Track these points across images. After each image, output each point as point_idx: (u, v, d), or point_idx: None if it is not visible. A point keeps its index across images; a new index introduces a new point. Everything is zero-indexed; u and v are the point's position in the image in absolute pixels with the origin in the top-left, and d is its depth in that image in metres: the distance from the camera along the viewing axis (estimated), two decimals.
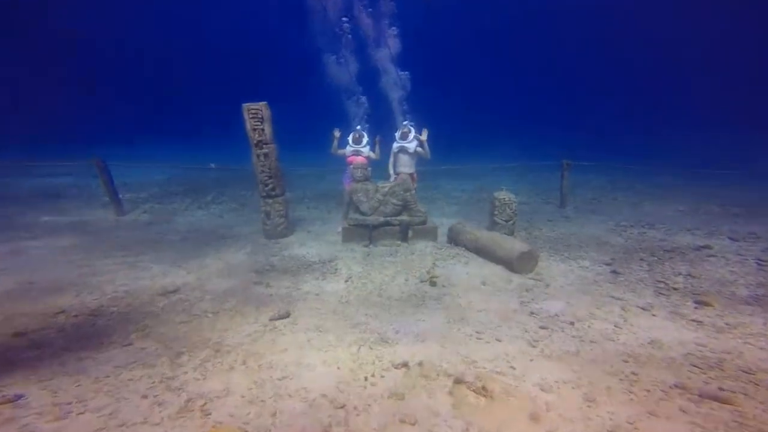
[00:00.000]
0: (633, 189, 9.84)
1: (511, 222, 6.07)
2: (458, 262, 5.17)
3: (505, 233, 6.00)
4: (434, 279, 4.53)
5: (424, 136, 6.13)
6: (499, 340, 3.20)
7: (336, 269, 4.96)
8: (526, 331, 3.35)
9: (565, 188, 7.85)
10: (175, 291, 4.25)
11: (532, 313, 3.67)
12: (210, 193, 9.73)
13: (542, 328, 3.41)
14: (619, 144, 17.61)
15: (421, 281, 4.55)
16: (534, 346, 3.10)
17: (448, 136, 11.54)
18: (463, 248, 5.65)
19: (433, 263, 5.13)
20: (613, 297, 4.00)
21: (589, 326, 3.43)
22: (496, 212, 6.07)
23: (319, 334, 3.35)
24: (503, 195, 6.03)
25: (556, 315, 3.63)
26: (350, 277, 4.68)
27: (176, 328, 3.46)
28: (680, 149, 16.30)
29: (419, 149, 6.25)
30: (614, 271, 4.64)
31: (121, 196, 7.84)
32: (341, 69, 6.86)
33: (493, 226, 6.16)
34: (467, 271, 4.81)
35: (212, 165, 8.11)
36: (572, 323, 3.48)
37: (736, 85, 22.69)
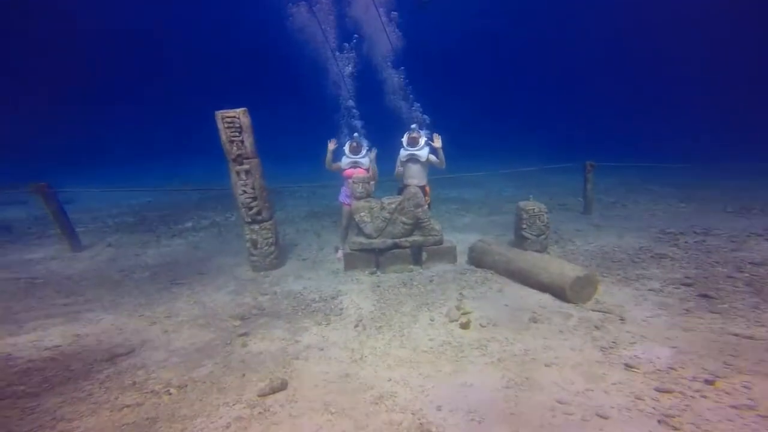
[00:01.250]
0: (650, 191, 9.13)
1: (543, 236, 5.19)
2: (490, 290, 4.23)
3: (536, 250, 5.12)
4: (467, 317, 3.56)
5: (437, 143, 5.24)
6: (605, 417, 2.20)
7: (341, 309, 3.96)
8: (639, 399, 2.33)
9: (589, 192, 7.04)
10: (128, 353, 3.19)
11: (627, 365, 2.68)
12: (190, 218, 8.66)
13: (663, 392, 2.37)
14: (613, 143, 17.12)
15: (451, 320, 3.58)
16: (677, 430, 2.05)
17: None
18: (491, 271, 4.72)
19: (460, 293, 4.18)
20: (735, 335, 3.01)
21: (745, 387, 2.35)
22: (524, 226, 5.18)
23: (330, 419, 2.33)
24: (531, 205, 5.16)
25: (671, 368, 2.60)
26: (360, 320, 3.69)
27: (115, 418, 2.40)
28: (680, 146, 15.88)
29: (432, 157, 5.35)
30: (704, 296, 3.70)
31: (86, 227, 6.73)
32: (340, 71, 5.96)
33: (521, 241, 5.27)
34: (505, 303, 3.86)
35: (186, 185, 7.05)
36: (709, 382, 2.43)
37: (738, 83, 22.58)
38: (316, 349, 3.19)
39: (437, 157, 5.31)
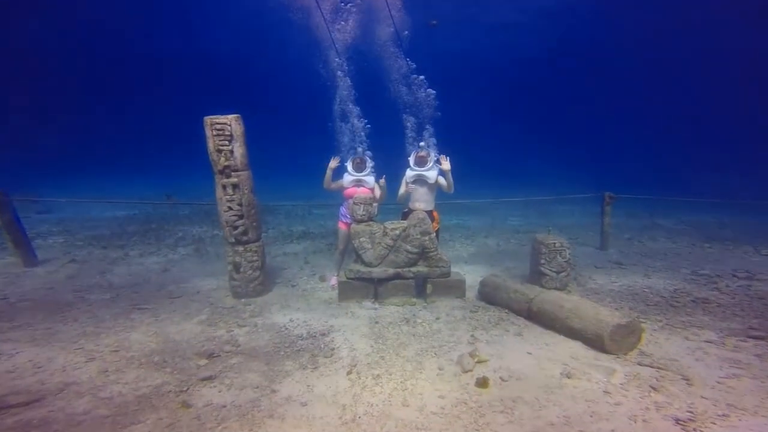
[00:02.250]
0: (662, 227, 8.63)
1: (564, 273, 4.61)
2: (506, 334, 3.60)
3: (555, 288, 4.54)
4: (483, 368, 2.91)
5: (446, 165, 4.77)
6: None
7: (332, 349, 3.30)
8: None
9: (606, 227, 6.53)
10: (30, 402, 2.46)
11: None
12: (174, 233, 8.03)
13: None
14: (612, 173, 16.76)
15: (465, 370, 2.93)
16: None
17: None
18: (505, 309, 4.11)
19: (472, 335, 3.54)
20: None
21: None
22: (542, 261, 4.62)
23: None
24: (552, 239, 4.63)
25: None
26: (354, 365, 3.02)
27: None
28: (681, 179, 15.59)
29: (441, 179, 4.86)
30: None
31: (53, 240, 6.06)
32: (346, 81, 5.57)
33: (538, 277, 4.69)
34: (528, 351, 3.22)
35: (170, 198, 6.46)
36: None
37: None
38: (297, 404, 2.51)
39: (446, 180, 4.82)
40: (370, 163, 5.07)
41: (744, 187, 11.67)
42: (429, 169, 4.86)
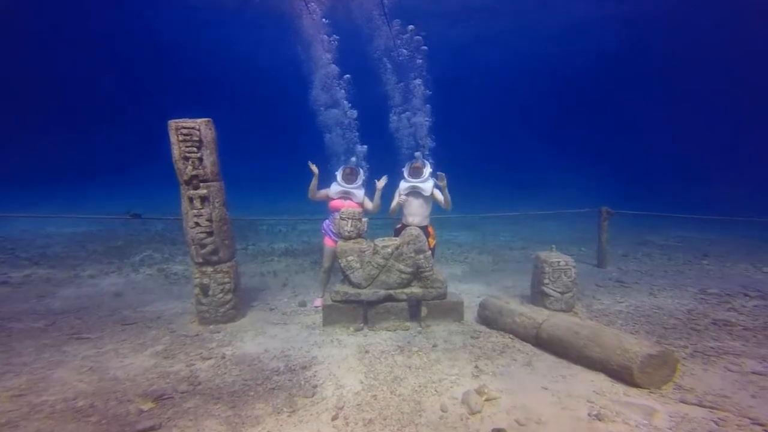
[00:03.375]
0: (653, 243, 8.42)
1: (570, 294, 4.24)
2: (514, 363, 3.15)
3: (560, 309, 4.16)
4: (493, 412, 2.43)
5: (442, 182, 4.41)
6: None
7: (314, 386, 2.76)
8: None
9: (604, 244, 6.26)
10: None
11: None
12: (143, 251, 7.32)
13: None
14: (590, 188, 16.40)
15: (472, 412, 2.45)
16: None
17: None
18: (509, 335, 3.68)
19: (476, 366, 3.07)
20: None
21: None
22: (546, 280, 4.25)
23: None
24: (556, 257, 4.27)
25: None
26: (341, 409, 2.49)
27: None
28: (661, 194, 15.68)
29: (437, 193, 4.47)
30: None
31: None
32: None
33: (541, 298, 4.31)
34: (544, 386, 2.76)
35: (132, 213, 5.80)
36: None
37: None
38: None
39: (443, 195, 4.44)
40: (362, 176, 4.63)
41: (728, 201, 11.86)
42: (424, 181, 4.47)
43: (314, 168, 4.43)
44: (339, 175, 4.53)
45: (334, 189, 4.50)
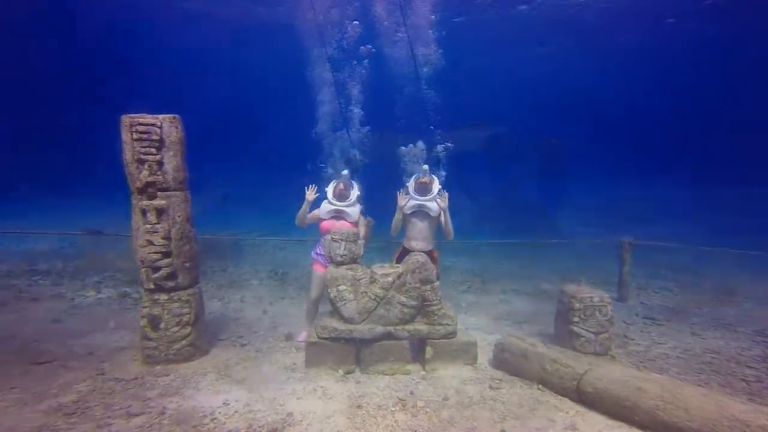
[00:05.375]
0: (664, 276, 7.75)
1: (605, 335, 3.55)
2: (553, 427, 2.43)
3: (593, 352, 3.47)
4: None
5: (444, 203, 3.76)
6: None
7: None
8: None
9: (625, 276, 5.62)
10: None
11: None
12: (104, 271, 6.48)
13: None
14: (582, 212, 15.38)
15: None
16: None
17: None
18: (537, 384, 2.95)
19: (502, 431, 2.32)
20: None
21: None
22: (575, 319, 3.57)
23: None
24: (587, 292, 3.61)
25: None
26: None
27: None
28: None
29: (444, 217, 3.80)
30: None
31: None
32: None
33: (569, 338, 3.62)
34: None
35: (89, 230, 5.07)
36: None
37: None
38: None
39: (445, 219, 3.79)
40: (355, 192, 3.93)
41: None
42: (432, 199, 3.80)
43: (311, 194, 3.77)
44: (330, 192, 3.85)
45: (325, 209, 3.81)
